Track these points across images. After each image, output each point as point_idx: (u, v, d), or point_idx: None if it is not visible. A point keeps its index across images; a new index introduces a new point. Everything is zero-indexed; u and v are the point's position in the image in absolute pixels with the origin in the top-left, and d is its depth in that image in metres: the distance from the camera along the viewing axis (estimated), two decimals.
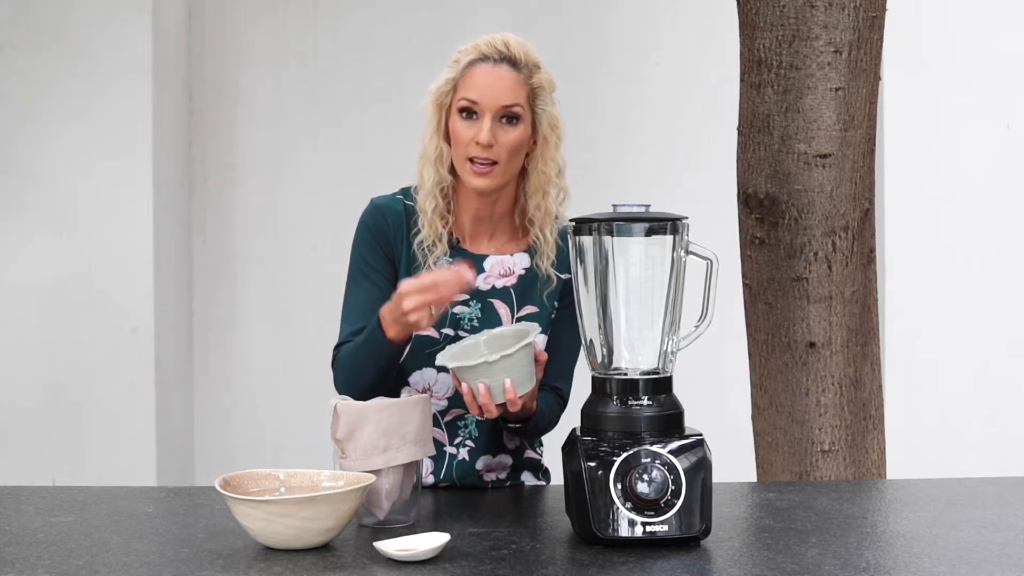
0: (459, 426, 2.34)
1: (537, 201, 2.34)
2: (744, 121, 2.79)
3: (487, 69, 2.28)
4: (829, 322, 2.73)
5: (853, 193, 2.73)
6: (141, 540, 1.93)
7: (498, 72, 2.28)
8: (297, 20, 5.09)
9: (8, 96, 4.67)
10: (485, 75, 2.28)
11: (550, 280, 2.35)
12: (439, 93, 2.32)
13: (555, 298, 2.36)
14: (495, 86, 2.28)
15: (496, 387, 2.06)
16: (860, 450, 2.78)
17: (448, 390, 2.32)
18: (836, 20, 2.68)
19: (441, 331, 2.31)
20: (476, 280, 2.33)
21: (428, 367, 2.31)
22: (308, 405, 4.87)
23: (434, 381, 2.33)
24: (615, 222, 1.94)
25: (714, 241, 2.12)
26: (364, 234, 2.37)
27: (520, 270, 2.37)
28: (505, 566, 1.76)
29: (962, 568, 1.73)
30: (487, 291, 2.35)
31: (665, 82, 5.02)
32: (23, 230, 4.69)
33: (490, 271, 2.35)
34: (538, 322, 2.30)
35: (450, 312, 2.32)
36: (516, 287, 2.36)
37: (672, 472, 1.85)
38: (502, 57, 2.29)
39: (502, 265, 2.37)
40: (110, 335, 4.67)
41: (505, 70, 2.29)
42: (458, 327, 2.32)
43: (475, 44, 2.32)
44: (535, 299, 2.36)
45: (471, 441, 2.34)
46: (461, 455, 2.34)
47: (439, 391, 2.33)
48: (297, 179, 5.09)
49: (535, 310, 2.35)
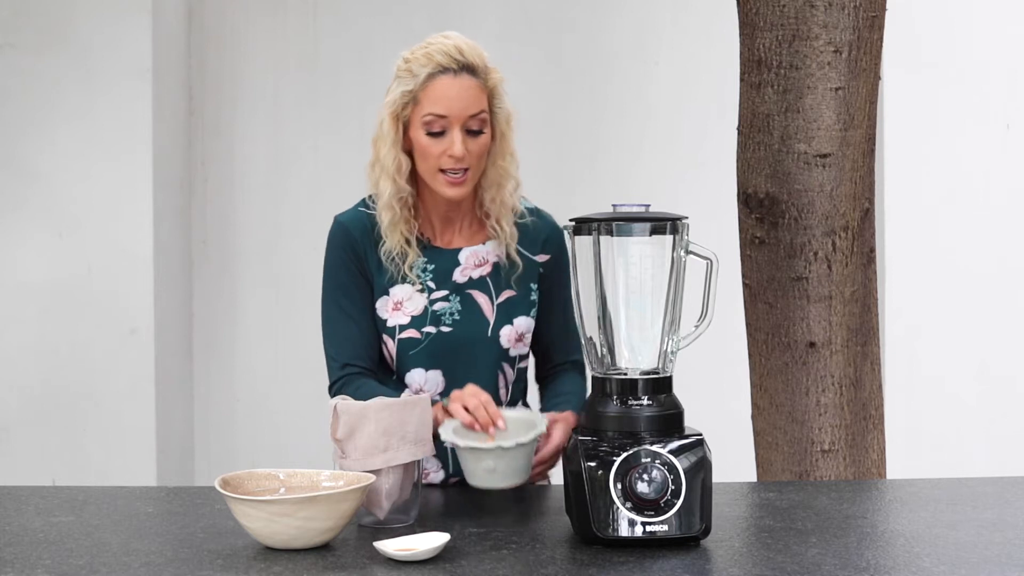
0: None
1: (492, 195, 2.37)
2: (744, 121, 2.79)
3: (449, 81, 2.27)
4: (829, 322, 2.73)
5: (853, 193, 2.73)
6: (141, 540, 1.93)
7: (460, 83, 2.27)
8: (297, 20, 5.09)
9: (8, 96, 4.67)
10: (448, 88, 2.27)
11: (516, 264, 2.38)
12: (396, 106, 2.30)
13: (531, 281, 2.39)
14: (460, 97, 2.27)
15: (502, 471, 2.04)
16: (860, 450, 2.78)
17: (439, 386, 2.35)
18: (836, 20, 2.68)
19: (422, 329, 2.34)
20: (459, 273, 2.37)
21: (416, 368, 2.35)
22: (308, 405, 4.87)
23: (424, 380, 2.36)
24: (615, 222, 1.94)
25: (714, 241, 2.12)
26: (334, 254, 2.39)
27: (493, 258, 2.39)
28: (505, 566, 1.76)
29: (962, 568, 1.73)
30: (464, 283, 2.37)
31: (665, 82, 5.02)
32: (23, 230, 4.69)
33: (465, 263, 2.38)
34: (519, 305, 2.36)
35: (430, 309, 2.33)
36: (492, 275, 2.39)
37: (672, 472, 1.85)
38: (461, 67, 2.28)
39: (476, 256, 2.39)
40: (110, 335, 4.67)
41: (467, 79, 2.28)
42: (439, 323, 2.35)
43: (426, 53, 2.29)
44: (511, 285, 2.39)
45: None
46: None
47: (431, 388, 2.36)
48: (297, 179, 5.09)
49: (513, 294, 2.39)
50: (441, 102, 2.26)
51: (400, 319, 2.35)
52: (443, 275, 2.37)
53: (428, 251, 2.37)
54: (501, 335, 2.37)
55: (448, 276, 2.37)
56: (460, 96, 2.27)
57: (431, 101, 2.27)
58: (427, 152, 2.29)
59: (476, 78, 2.29)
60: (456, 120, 2.27)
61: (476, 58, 2.30)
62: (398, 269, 2.34)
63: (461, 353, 2.35)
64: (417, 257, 2.35)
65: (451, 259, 2.37)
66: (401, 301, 2.35)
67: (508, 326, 2.37)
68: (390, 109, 2.31)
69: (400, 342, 2.33)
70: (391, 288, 2.36)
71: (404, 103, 2.30)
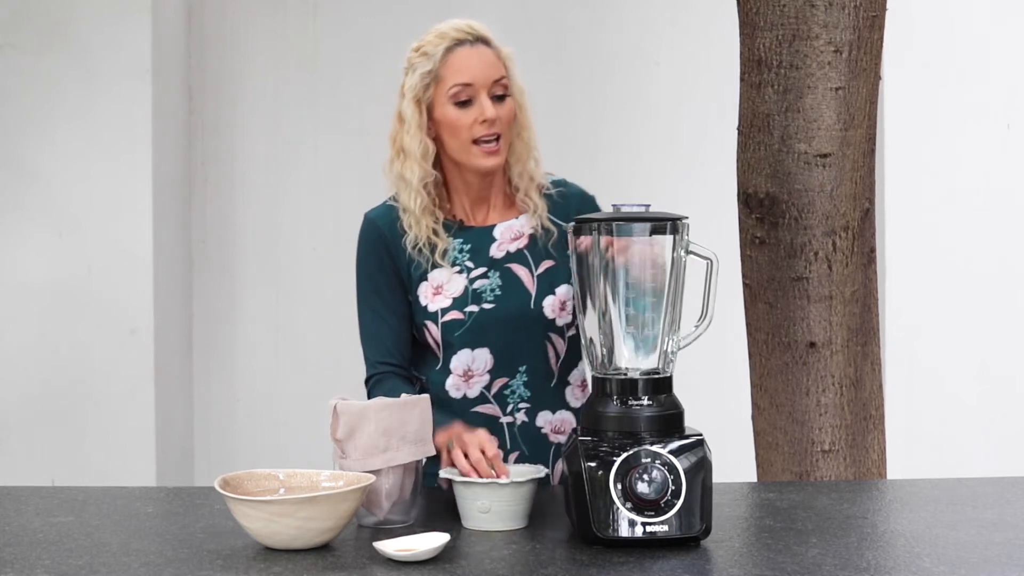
0: (506, 394, 2.37)
1: (520, 168, 2.40)
2: (744, 121, 2.79)
3: (468, 51, 2.33)
4: (829, 322, 2.73)
5: (853, 193, 2.73)
6: (141, 540, 1.93)
7: (479, 52, 2.34)
8: (297, 20, 5.09)
9: (8, 96, 4.67)
10: (468, 57, 2.32)
11: (551, 232, 2.39)
12: (417, 89, 2.34)
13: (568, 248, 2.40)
14: (481, 64, 2.33)
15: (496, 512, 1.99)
16: (860, 450, 2.78)
17: (487, 363, 2.35)
18: (836, 20, 2.67)
19: (465, 309, 2.34)
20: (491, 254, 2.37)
21: (462, 349, 2.34)
22: (308, 405, 4.87)
23: (472, 360, 2.35)
24: (615, 222, 1.94)
25: (714, 241, 2.12)
26: (366, 251, 2.40)
27: (528, 230, 2.40)
28: (505, 566, 1.76)
29: (962, 568, 1.73)
30: (502, 257, 2.37)
31: (665, 82, 5.02)
32: (23, 230, 4.68)
33: (501, 238, 2.39)
34: (560, 273, 2.36)
35: (470, 288, 2.34)
36: (529, 247, 2.39)
37: (672, 472, 1.85)
38: (476, 38, 2.35)
39: (511, 230, 2.40)
40: (110, 335, 4.67)
41: (483, 48, 2.35)
42: (481, 301, 2.35)
43: (438, 33, 2.35)
44: (549, 254, 2.39)
45: (524, 403, 2.37)
46: (519, 420, 2.37)
47: (478, 368, 2.35)
48: (297, 179, 5.09)
49: (552, 263, 2.39)
50: (464, 71, 2.31)
51: (442, 302, 2.35)
52: (479, 253, 2.38)
53: (462, 232, 2.39)
54: (544, 305, 2.36)
55: (484, 253, 2.38)
56: (481, 63, 2.32)
57: (453, 72, 2.32)
58: (457, 125, 2.32)
59: (489, 48, 2.35)
60: (481, 86, 2.32)
61: (485, 33, 2.37)
62: (427, 259, 2.35)
63: (506, 328, 2.34)
64: (449, 241, 2.37)
65: (486, 236, 2.39)
66: (441, 285, 2.36)
67: (551, 296, 2.37)
68: (412, 94, 2.34)
69: (444, 325, 2.34)
70: (429, 274, 2.36)
71: (425, 84, 2.33)
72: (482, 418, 2.35)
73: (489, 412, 2.36)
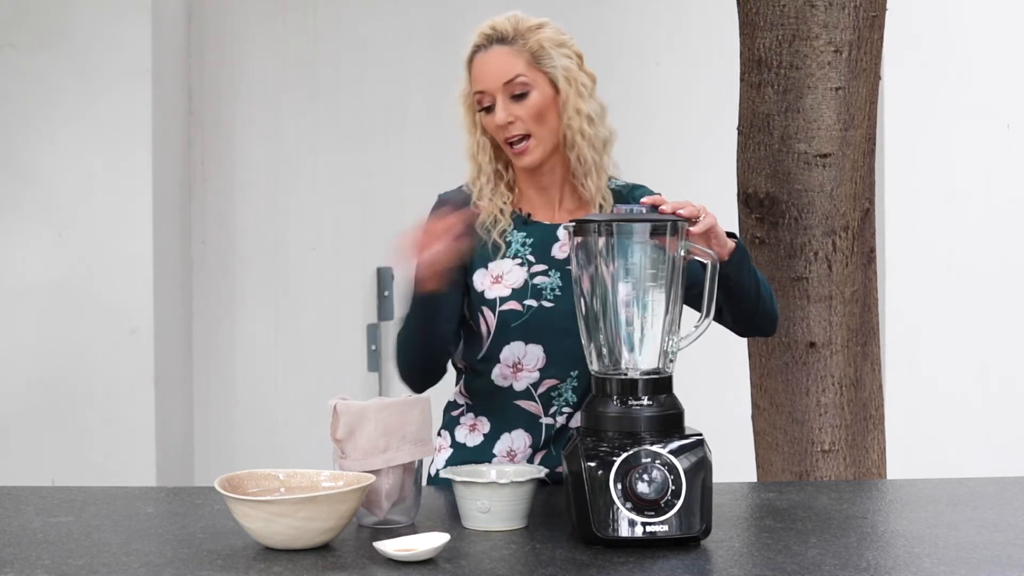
0: (553, 396, 2.36)
1: (576, 155, 2.39)
2: (744, 121, 2.79)
3: (480, 58, 2.36)
4: (829, 322, 2.73)
5: (853, 193, 2.73)
6: (141, 540, 1.93)
7: (490, 56, 2.35)
8: (297, 20, 5.09)
9: (8, 96, 4.66)
10: (480, 65, 2.36)
11: None
12: (464, 95, 2.42)
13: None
14: (490, 68, 2.35)
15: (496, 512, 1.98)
16: (860, 450, 2.78)
17: (539, 362, 2.34)
18: (836, 20, 2.68)
19: (524, 302, 2.34)
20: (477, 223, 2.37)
21: (515, 341, 2.34)
22: (308, 405, 4.87)
23: (523, 354, 2.34)
24: (616, 222, 1.94)
25: None
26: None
27: None
28: (505, 566, 1.76)
29: (962, 568, 1.73)
30: (564, 259, 2.36)
31: (665, 82, 5.02)
32: (23, 230, 4.68)
33: (564, 239, 2.38)
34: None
35: (530, 283, 2.34)
36: None
37: (672, 472, 1.85)
38: (491, 40, 2.36)
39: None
40: (110, 335, 4.66)
41: (496, 49, 2.35)
42: (540, 297, 2.34)
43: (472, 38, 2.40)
44: None
45: (569, 407, 2.36)
46: (559, 423, 2.36)
47: (529, 364, 2.34)
48: (297, 179, 5.08)
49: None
50: (478, 79, 2.36)
51: (501, 291, 2.35)
52: (542, 249, 2.37)
53: (527, 226, 2.39)
54: None
55: (547, 251, 2.37)
56: (490, 68, 2.35)
57: (473, 80, 2.38)
58: (489, 129, 2.38)
59: (506, 45, 2.36)
60: (494, 91, 2.34)
61: (508, 27, 2.37)
62: (489, 235, 2.36)
63: (562, 329, 2.32)
64: (509, 226, 2.37)
65: (550, 234, 2.39)
66: (501, 275, 2.35)
67: None
68: (462, 99, 2.42)
69: (501, 314, 2.33)
70: (490, 263, 2.36)
71: (466, 92, 2.41)
72: (522, 414, 2.35)
73: (531, 410, 2.35)
